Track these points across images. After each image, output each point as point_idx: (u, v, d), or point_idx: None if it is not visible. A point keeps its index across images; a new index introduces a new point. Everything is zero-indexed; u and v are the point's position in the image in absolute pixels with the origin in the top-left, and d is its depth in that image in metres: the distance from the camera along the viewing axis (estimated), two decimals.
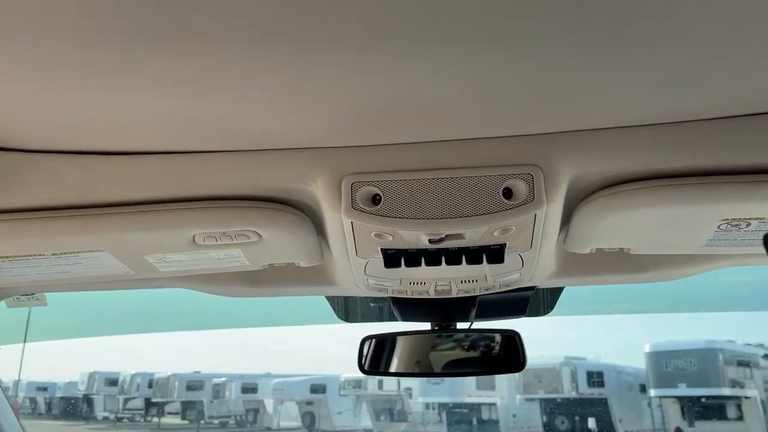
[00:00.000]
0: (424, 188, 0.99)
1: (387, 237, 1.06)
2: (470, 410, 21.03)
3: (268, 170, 1.02)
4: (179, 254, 1.17)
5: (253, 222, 1.07)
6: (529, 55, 0.74)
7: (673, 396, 18.30)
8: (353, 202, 1.00)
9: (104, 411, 22.38)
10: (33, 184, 1.04)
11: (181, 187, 1.04)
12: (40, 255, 1.14)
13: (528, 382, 19.88)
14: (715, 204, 0.99)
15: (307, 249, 1.22)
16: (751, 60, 0.76)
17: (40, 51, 0.71)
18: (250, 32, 0.68)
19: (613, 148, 0.96)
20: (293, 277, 1.50)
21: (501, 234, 1.05)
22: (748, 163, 0.95)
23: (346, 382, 21.35)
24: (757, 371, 18.34)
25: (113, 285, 1.47)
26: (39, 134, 0.98)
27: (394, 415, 21.27)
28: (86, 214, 1.05)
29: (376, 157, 0.99)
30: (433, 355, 1.70)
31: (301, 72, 0.77)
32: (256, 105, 0.86)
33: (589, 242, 1.21)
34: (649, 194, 0.99)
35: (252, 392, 22.07)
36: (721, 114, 0.93)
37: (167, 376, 22.16)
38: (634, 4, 0.65)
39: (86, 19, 0.65)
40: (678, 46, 0.72)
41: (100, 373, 22.79)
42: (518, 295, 1.59)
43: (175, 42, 0.70)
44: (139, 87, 0.80)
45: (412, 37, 0.70)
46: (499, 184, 0.98)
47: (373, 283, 1.37)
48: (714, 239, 1.12)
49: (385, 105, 0.86)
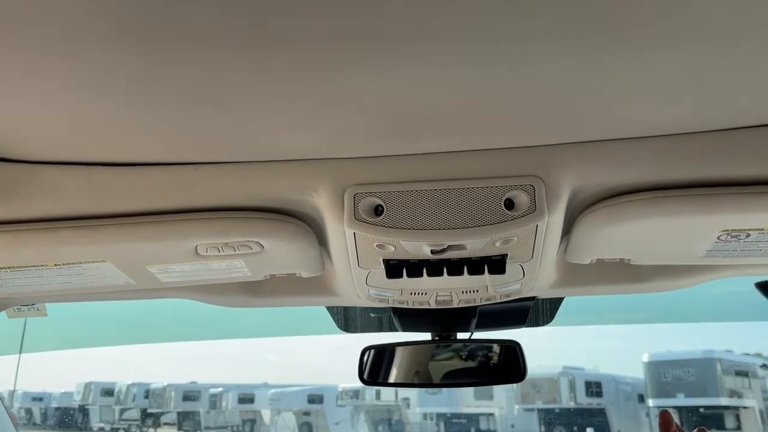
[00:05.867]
0: (427, 199, 0.99)
1: (389, 248, 1.06)
2: (468, 420, 20.94)
3: (271, 181, 1.02)
4: (181, 265, 1.17)
5: (256, 233, 1.07)
6: (530, 67, 0.75)
7: (672, 406, 18.25)
8: (356, 212, 1.00)
9: (100, 421, 22.21)
10: (36, 195, 1.04)
11: (184, 198, 1.04)
12: (42, 266, 1.14)
13: (526, 392, 19.82)
14: (715, 215, 0.99)
15: (309, 259, 1.22)
16: (750, 71, 0.77)
17: (42, 62, 0.72)
18: (252, 44, 0.69)
19: (614, 160, 0.97)
20: (294, 287, 1.50)
21: (502, 245, 1.06)
22: (748, 174, 0.96)
23: (343, 392, 21.25)
24: (755, 381, 18.32)
25: (115, 296, 1.47)
26: (41, 145, 0.98)
27: (392, 426, 21.15)
28: (89, 224, 1.05)
29: (379, 169, 1.00)
30: (434, 366, 1.70)
31: (304, 84, 0.78)
32: (259, 116, 0.87)
33: (589, 253, 1.21)
34: (650, 205, 1.00)
35: (249, 402, 21.96)
36: (721, 126, 0.94)
37: (163, 386, 22.04)
38: (634, 17, 0.65)
39: (88, 30, 0.66)
40: (678, 57, 0.73)
41: (96, 383, 22.65)
42: (518, 306, 1.59)
43: (178, 53, 0.70)
44: (141, 98, 0.81)
45: (414, 49, 0.70)
46: (501, 195, 0.99)
47: (374, 293, 1.37)
48: (714, 250, 1.12)
49: (388, 117, 0.87)
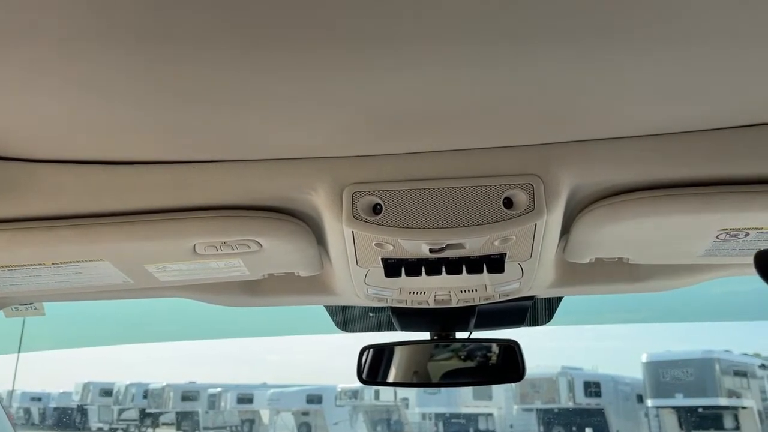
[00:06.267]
0: (425, 198, 0.99)
1: (388, 246, 1.06)
2: (467, 420, 20.96)
3: (269, 180, 1.02)
4: (180, 264, 1.17)
5: (254, 231, 1.07)
6: (529, 66, 0.75)
7: (670, 406, 18.27)
8: (354, 211, 1.00)
9: (98, 422, 22.20)
10: (34, 193, 1.04)
11: (183, 197, 1.04)
12: (40, 265, 1.13)
13: (525, 392, 19.83)
14: (714, 214, 0.99)
15: (307, 258, 1.22)
16: (749, 71, 0.77)
17: (40, 61, 0.71)
18: (251, 43, 0.69)
19: (613, 159, 0.97)
20: (293, 286, 1.50)
21: (501, 243, 1.05)
22: (747, 173, 0.96)
23: (342, 393, 21.26)
24: (753, 381, 18.33)
25: (113, 295, 1.46)
26: (39, 144, 0.98)
27: (391, 426, 21.16)
28: (87, 223, 1.05)
29: (378, 167, 1.00)
30: (432, 365, 1.70)
31: (303, 83, 0.78)
32: (257, 115, 0.86)
33: (588, 252, 1.21)
34: (649, 204, 1.00)
35: (248, 402, 21.96)
36: (720, 125, 0.94)
37: (162, 386, 22.03)
38: (634, 16, 0.65)
39: (85, 28, 0.65)
40: (678, 56, 0.73)
41: (94, 383, 22.64)
42: (517, 305, 1.59)
43: (176, 52, 0.70)
44: (139, 97, 0.80)
45: (413, 49, 0.70)
46: (500, 194, 0.99)
47: (372, 292, 1.37)
48: (713, 249, 1.12)
49: (387, 115, 0.87)
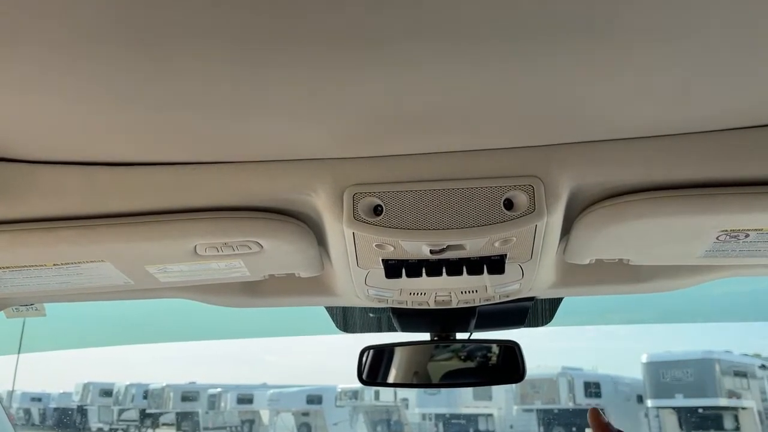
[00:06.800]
0: (426, 199, 0.99)
1: (388, 248, 1.06)
2: (467, 421, 20.98)
3: (270, 181, 1.02)
4: (180, 265, 1.17)
5: (255, 233, 1.07)
6: (529, 67, 0.75)
7: (670, 406, 18.28)
8: (355, 212, 1.00)
9: (99, 422, 22.22)
10: (34, 194, 1.04)
11: (183, 198, 1.04)
12: (41, 265, 1.14)
13: (525, 392, 19.85)
14: (714, 215, 0.99)
15: (308, 259, 1.22)
16: (749, 72, 0.77)
17: (41, 62, 0.71)
18: (251, 43, 0.69)
19: (614, 160, 0.97)
20: (293, 287, 1.50)
21: (501, 245, 1.06)
22: (747, 174, 0.96)
23: (342, 393, 21.27)
24: (753, 382, 18.34)
25: (113, 296, 1.47)
26: (40, 145, 0.98)
27: (391, 426, 21.17)
28: (88, 224, 1.05)
29: (378, 169, 1.00)
30: (433, 366, 1.70)
31: (304, 84, 0.78)
32: (258, 116, 0.86)
33: (588, 253, 1.21)
34: (649, 205, 1.00)
35: (248, 403, 21.98)
36: (720, 126, 0.94)
37: (162, 386, 22.05)
38: (634, 18, 0.65)
39: (87, 30, 0.66)
40: (678, 58, 0.73)
41: (94, 383, 22.66)
42: (518, 306, 1.59)
43: (177, 53, 0.70)
44: (140, 98, 0.80)
45: (414, 50, 0.70)
46: (500, 196, 0.99)
47: (373, 293, 1.37)
48: (713, 250, 1.12)
49: (387, 117, 0.87)
